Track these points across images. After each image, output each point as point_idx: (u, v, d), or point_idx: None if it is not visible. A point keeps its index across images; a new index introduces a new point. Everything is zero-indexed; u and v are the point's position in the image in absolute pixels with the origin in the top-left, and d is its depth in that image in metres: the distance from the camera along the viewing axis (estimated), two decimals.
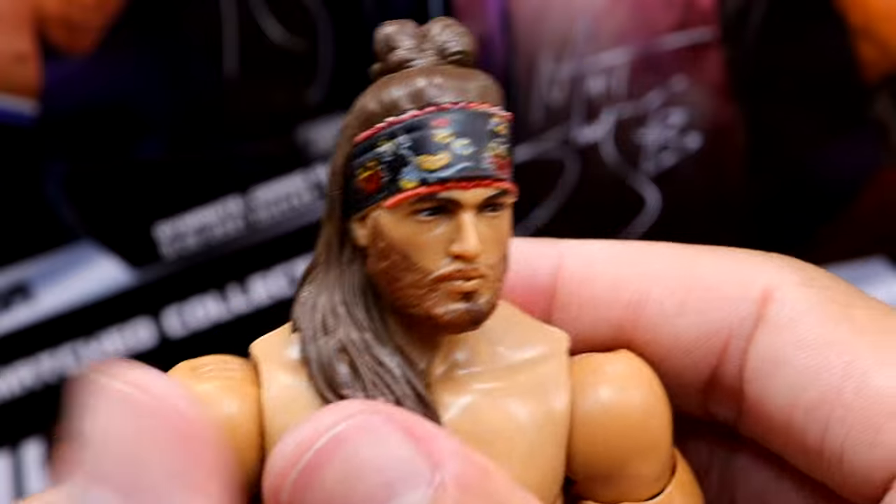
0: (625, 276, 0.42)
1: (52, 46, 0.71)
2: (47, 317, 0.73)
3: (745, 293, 0.40)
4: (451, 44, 0.39)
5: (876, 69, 0.70)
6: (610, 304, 0.42)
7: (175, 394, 0.35)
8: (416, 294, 0.38)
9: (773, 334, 0.40)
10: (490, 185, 0.37)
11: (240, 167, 0.73)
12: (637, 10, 0.71)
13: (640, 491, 0.40)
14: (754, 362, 0.40)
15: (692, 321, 0.41)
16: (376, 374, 0.38)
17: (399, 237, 0.38)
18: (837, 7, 0.69)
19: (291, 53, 0.71)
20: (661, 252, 0.42)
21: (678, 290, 0.41)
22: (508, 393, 0.39)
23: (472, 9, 0.72)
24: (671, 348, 0.41)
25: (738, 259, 0.42)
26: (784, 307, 0.40)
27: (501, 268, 0.38)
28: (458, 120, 0.38)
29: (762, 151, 0.71)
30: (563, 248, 0.43)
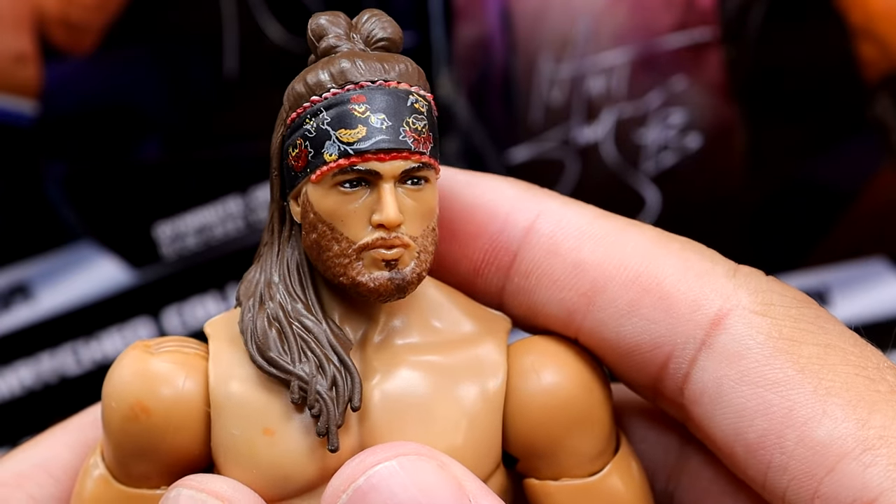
0: (588, 261, 0.41)
1: (52, 46, 0.71)
2: (47, 317, 0.73)
3: (697, 313, 0.40)
4: (376, 31, 0.41)
5: (876, 69, 0.70)
6: (567, 287, 0.41)
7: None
8: (342, 263, 0.39)
9: (717, 364, 0.39)
10: (408, 158, 0.39)
11: (240, 167, 0.73)
12: (637, 10, 0.71)
13: (580, 467, 0.41)
14: (696, 386, 0.40)
15: (638, 327, 0.40)
16: (303, 340, 0.40)
17: (325, 209, 0.39)
18: (837, 7, 0.69)
19: (291, 53, 0.71)
20: (633, 241, 0.41)
21: (633, 290, 0.41)
22: (444, 367, 0.41)
23: (472, 9, 0.72)
24: (614, 347, 0.41)
25: (700, 268, 0.41)
26: (732, 337, 0.39)
27: (429, 239, 0.40)
28: (375, 96, 0.39)
29: (762, 151, 0.71)
30: (540, 208, 0.42)
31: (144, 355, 0.41)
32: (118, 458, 0.41)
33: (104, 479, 0.42)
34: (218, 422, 0.40)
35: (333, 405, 0.39)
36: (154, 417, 0.40)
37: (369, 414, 0.40)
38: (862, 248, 0.71)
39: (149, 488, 0.41)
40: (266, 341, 0.40)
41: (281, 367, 0.39)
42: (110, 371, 0.41)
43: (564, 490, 0.41)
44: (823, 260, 0.72)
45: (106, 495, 0.41)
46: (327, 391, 0.39)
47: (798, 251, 0.72)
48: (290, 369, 0.39)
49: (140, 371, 0.40)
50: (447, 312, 0.42)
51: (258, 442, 0.39)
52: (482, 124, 0.73)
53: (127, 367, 0.41)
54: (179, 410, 0.40)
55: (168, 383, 0.40)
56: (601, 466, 0.42)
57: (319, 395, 0.39)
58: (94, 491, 0.42)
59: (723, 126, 0.71)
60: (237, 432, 0.40)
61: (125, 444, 0.41)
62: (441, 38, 0.73)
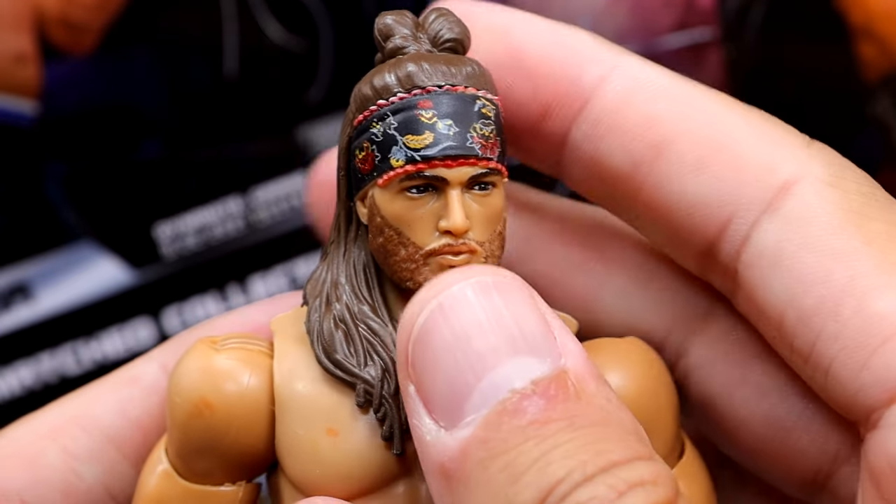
0: (661, 114, 0.40)
1: (52, 46, 0.71)
2: (47, 317, 0.73)
3: (767, 176, 0.39)
4: (443, 32, 0.41)
5: (876, 69, 0.70)
6: (636, 137, 0.40)
7: None
8: (409, 268, 0.39)
9: (781, 228, 0.38)
10: (475, 164, 0.39)
11: (240, 167, 0.73)
12: (637, 10, 0.71)
13: None
14: (755, 248, 0.39)
15: (703, 183, 0.39)
16: (368, 342, 0.40)
17: (392, 214, 0.39)
18: (837, 7, 0.69)
19: (291, 53, 0.71)
20: (709, 102, 0.40)
21: (704, 147, 0.39)
22: None
23: None
24: (676, 203, 0.40)
25: (776, 135, 0.40)
26: (800, 203, 0.38)
27: (495, 244, 0.40)
28: (442, 102, 0.39)
29: None
30: (618, 61, 0.41)
31: (209, 351, 0.40)
32: (182, 453, 0.41)
33: (168, 475, 0.42)
34: (282, 420, 0.40)
35: (399, 410, 0.39)
36: (218, 414, 0.40)
37: None
38: None
39: (212, 485, 0.41)
40: (332, 343, 0.40)
41: (347, 369, 0.39)
42: (175, 366, 0.41)
43: None
44: None
45: (169, 491, 0.41)
46: (392, 395, 0.39)
47: None
48: (357, 372, 0.39)
49: (205, 367, 0.40)
50: None
51: (322, 442, 0.39)
52: None
53: (192, 362, 0.40)
54: (243, 407, 0.40)
55: (233, 380, 0.40)
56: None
57: (385, 398, 0.39)
58: (158, 486, 0.42)
59: None
60: (301, 432, 0.40)
61: (189, 439, 0.41)
62: None
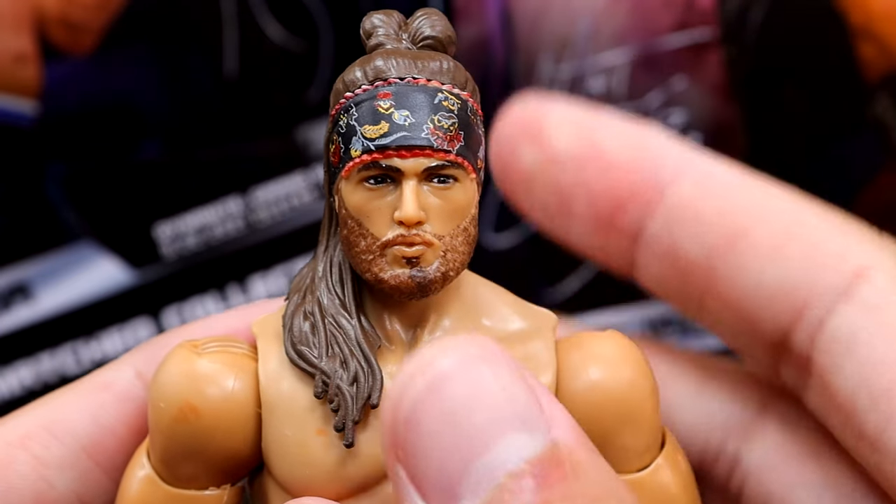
0: (735, 206, 0.41)
1: (52, 46, 0.71)
2: (47, 317, 0.73)
3: (841, 263, 0.39)
4: (423, 30, 0.41)
5: (876, 69, 0.70)
6: (711, 229, 0.41)
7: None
8: (367, 259, 0.40)
9: (857, 312, 0.38)
10: (431, 155, 0.39)
11: (240, 167, 0.73)
12: (637, 10, 0.71)
13: (628, 463, 0.42)
14: (830, 334, 0.39)
15: (779, 271, 0.40)
16: (332, 336, 0.40)
17: (353, 205, 0.40)
18: (837, 7, 0.69)
19: (291, 53, 0.71)
20: (780, 196, 0.41)
21: (778, 235, 0.40)
22: None
23: (472, 9, 0.72)
24: (751, 292, 0.41)
25: (847, 228, 0.40)
26: (875, 288, 0.39)
27: (458, 240, 0.40)
28: (400, 93, 0.39)
29: (762, 151, 0.71)
30: (692, 156, 0.42)
31: (192, 355, 0.40)
32: (165, 458, 0.41)
33: (150, 480, 0.41)
34: (270, 422, 0.40)
35: (352, 401, 0.39)
36: (203, 419, 0.40)
37: None
38: None
39: (196, 489, 0.41)
40: (299, 335, 0.40)
41: (308, 360, 0.40)
42: (157, 371, 0.41)
43: None
44: None
45: (152, 496, 0.41)
46: (348, 386, 0.39)
47: None
48: (316, 363, 0.39)
49: (188, 371, 0.40)
50: (496, 310, 0.42)
51: (311, 442, 0.39)
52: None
53: (175, 367, 0.40)
54: (229, 411, 0.40)
55: (217, 384, 0.40)
56: (649, 462, 0.42)
57: (340, 389, 0.39)
58: (141, 492, 0.42)
59: (723, 126, 0.71)
60: (290, 433, 0.40)
61: (173, 445, 0.40)
62: None
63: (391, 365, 0.40)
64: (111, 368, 0.45)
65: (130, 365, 0.45)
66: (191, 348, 0.41)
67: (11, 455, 0.43)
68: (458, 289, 0.42)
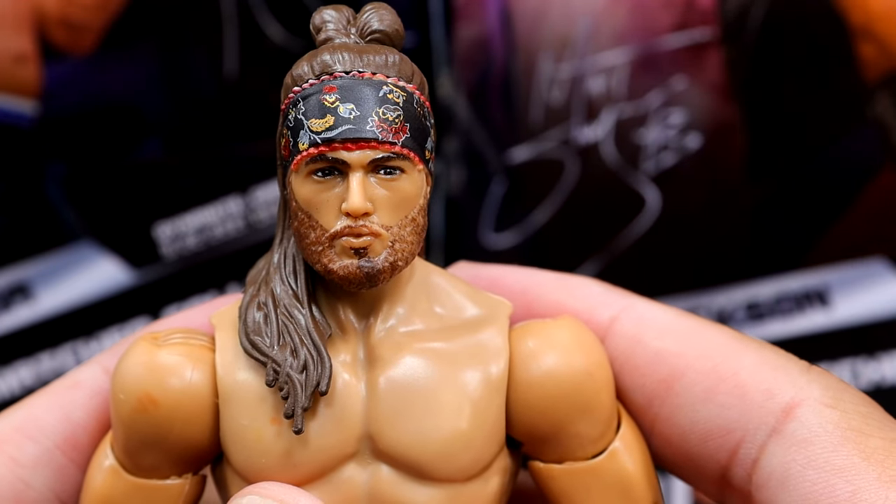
0: (669, 351, 0.43)
1: (52, 46, 0.71)
2: (47, 317, 0.73)
3: (770, 402, 0.42)
4: (371, 24, 0.42)
5: (876, 69, 0.70)
6: (647, 374, 0.43)
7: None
8: (317, 251, 0.40)
9: (786, 449, 0.41)
10: (376, 148, 0.40)
11: (240, 167, 0.73)
12: (637, 10, 0.71)
13: (582, 450, 0.42)
14: (764, 470, 0.41)
15: (713, 413, 0.42)
16: (284, 326, 0.41)
17: (302, 197, 0.40)
18: (837, 7, 0.69)
19: (291, 53, 0.71)
20: (712, 336, 0.44)
21: (710, 378, 0.42)
22: (447, 353, 0.41)
23: (472, 8, 0.72)
24: (689, 433, 0.43)
25: (775, 363, 0.43)
26: (802, 425, 0.41)
27: (406, 230, 0.40)
28: (345, 86, 0.40)
29: (762, 151, 0.71)
30: (625, 303, 0.45)
31: (152, 347, 0.41)
32: (127, 449, 0.42)
33: (114, 470, 0.42)
34: (227, 412, 0.41)
35: (301, 388, 0.39)
36: (162, 409, 0.40)
37: (375, 402, 0.40)
38: (862, 248, 0.71)
39: (158, 479, 0.42)
40: (253, 325, 0.41)
41: (260, 349, 0.40)
42: (118, 363, 0.42)
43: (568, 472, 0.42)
44: (823, 260, 0.72)
45: (116, 486, 0.42)
46: (297, 374, 0.39)
47: (798, 251, 0.72)
48: (267, 352, 0.40)
49: (148, 363, 0.41)
50: (449, 299, 0.43)
51: (266, 432, 0.40)
52: (482, 124, 0.73)
53: (134, 358, 0.41)
54: (188, 402, 0.41)
55: (176, 375, 0.41)
56: (604, 447, 0.42)
57: (289, 377, 0.39)
58: (105, 482, 0.42)
59: (723, 126, 0.71)
60: (246, 422, 0.40)
61: (134, 435, 0.41)
62: (441, 38, 0.73)
63: (343, 354, 0.41)
64: (80, 368, 0.46)
65: (98, 363, 0.46)
66: (151, 340, 0.41)
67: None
68: (410, 278, 0.42)
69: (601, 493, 0.42)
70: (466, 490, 0.41)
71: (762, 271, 0.72)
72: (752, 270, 0.72)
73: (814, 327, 0.72)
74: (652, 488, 0.43)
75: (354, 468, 0.40)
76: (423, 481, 0.40)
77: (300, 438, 0.40)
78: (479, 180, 0.73)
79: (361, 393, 0.40)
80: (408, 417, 0.40)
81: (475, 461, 0.41)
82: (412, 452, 0.40)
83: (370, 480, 0.40)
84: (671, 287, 0.72)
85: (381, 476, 0.40)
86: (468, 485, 0.41)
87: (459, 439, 0.40)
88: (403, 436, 0.40)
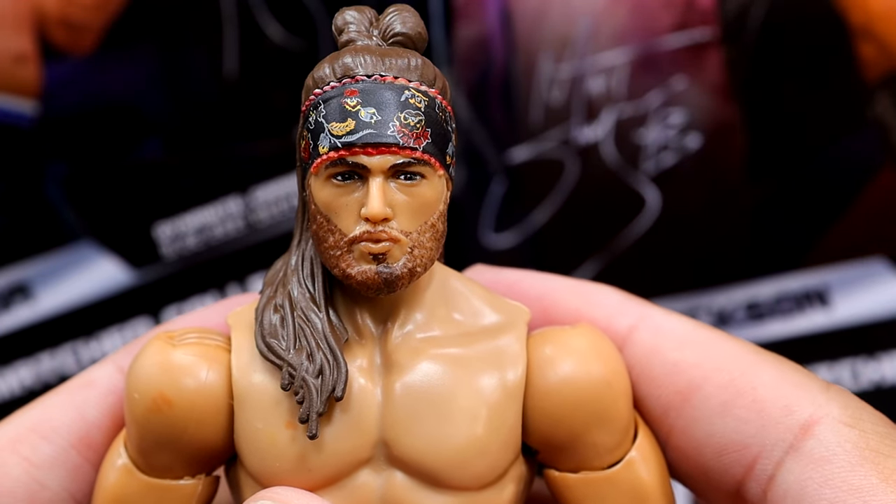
0: (687, 362, 0.43)
1: (52, 46, 0.71)
2: (47, 317, 0.73)
3: (788, 418, 0.41)
4: (394, 26, 0.42)
5: (876, 69, 0.70)
6: (664, 385, 0.43)
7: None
8: (335, 255, 0.40)
9: (804, 467, 0.40)
10: (397, 153, 0.39)
11: (240, 167, 0.73)
12: (637, 10, 0.71)
13: (599, 459, 0.42)
14: (780, 488, 0.41)
15: (729, 426, 0.42)
16: (301, 329, 0.40)
17: (322, 201, 0.40)
18: (837, 7, 0.69)
19: (291, 53, 0.71)
20: (730, 349, 0.43)
21: (728, 391, 0.42)
22: (464, 359, 0.41)
23: (472, 8, 0.72)
24: (704, 446, 0.43)
25: (794, 379, 0.42)
26: (820, 443, 0.40)
27: (426, 236, 0.40)
28: (367, 90, 0.40)
29: (762, 151, 0.71)
30: (643, 313, 0.44)
31: (167, 347, 0.41)
32: (141, 448, 0.41)
33: (127, 469, 0.42)
34: (241, 415, 0.40)
35: (317, 393, 0.39)
36: (177, 409, 0.40)
37: (391, 407, 0.40)
38: (862, 248, 0.71)
39: (171, 479, 0.42)
40: (269, 328, 0.40)
41: (276, 353, 0.40)
42: (133, 362, 0.41)
43: (584, 482, 0.42)
44: (823, 260, 0.72)
45: (129, 485, 0.42)
46: (313, 379, 0.39)
47: (798, 251, 0.72)
48: (283, 356, 0.40)
49: (163, 363, 0.41)
50: (468, 304, 0.42)
51: (280, 436, 0.40)
52: (482, 124, 0.73)
53: (150, 357, 0.41)
54: (202, 402, 0.40)
55: (191, 375, 0.40)
56: (620, 457, 0.42)
57: (305, 381, 0.39)
58: (118, 481, 0.42)
59: (723, 126, 0.71)
60: (260, 425, 0.40)
61: (148, 435, 0.41)
62: (441, 38, 0.73)
63: (360, 359, 0.41)
64: (94, 367, 0.46)
65: (112, 363, 0.46)
66: (166, 340, 0.41)
67: (2, 460, 0.44)
68: (428, 283, 0.42)
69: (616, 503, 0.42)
70: (481, 498, 0.41)
71: (762, 271, 0.72)
72: (752, 270, 0.72)
73: (814, 327, 0.72)
74: (668, 500, 0.42)
75: (369, 474, 0.40)
76: (438, 488, 0.40)
77: (314, 443, 0.39)
78: (479, 180, 0.73)
79: (377, 398, 0.40)
80: (423, 424, 0.40)
81: (490, 469, 0.40)
82: (426, 459, 0.40)
83: (384, 486, 0.40)
84: (671, 287, 0.72)
85: (395, 482, 0.40)
86: (483, 493, 0.41)
87: (474, 446, 0.40)
88: (418, 442, 0.40)
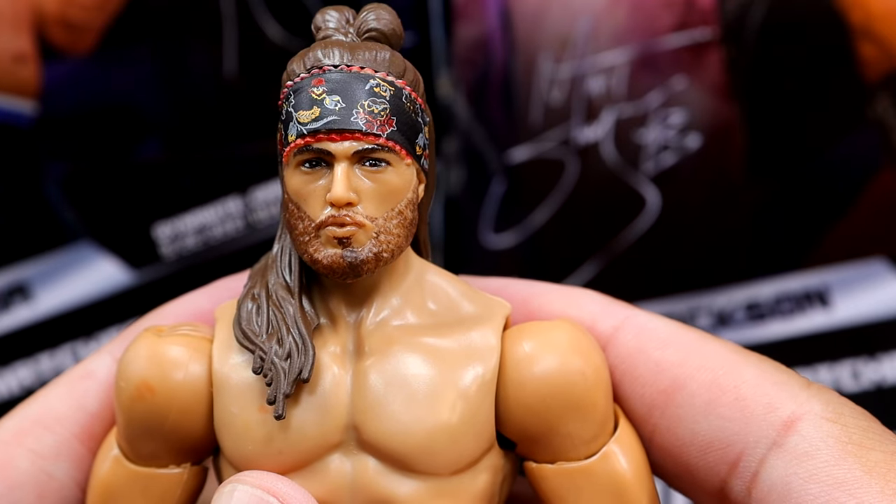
0: (670, 361, 0.43)
1: (52, 46, 0.71)
2: (47, 317, 0.73)
3: (771, 415, 0.42)
4: (368, 22, 0.43)
5: (876, 69, 0.70)
6: (648, 384, 0.44)
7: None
8: (304, 241, 0.41)
9: (787, 463, 0.41)
10: (361, 139, 0.40)
11: (239, 167, 0.73)
12: (637, 10, 0.71)
13: (575, 451, 0.42)
14: (764, 484, 0.41)
15: (713, 425, 0.42)
16: (273, 316, 0.41)
17: (292, 188, 0.41)
18: (837, 7, 0.69)
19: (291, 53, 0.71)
20: (713, 349, 0.44)
21: (711, 390, 0.43)
22: (437, 348, 0.42)
23: (472, 8, 0.72)
24: (688, 445, 0.43)
25: (776, 377, 0.43)
26: (803, 439, 0.41)
27: (393, 223, 0.41)
28: (333, 80, 0.41)
29: (762, 151, 0.71)
30: (627, 314, 0.45)
31: (154, 338, 0.42)
32: (128, 437, 0.42)
33: (117, 459, 0.43)
34: (219, 401, 0.41)
35: (284, 375, 0.40)
36: (158, 397, 0.41)
37: (361, 392, 0.41)
38: (862, 248, 0.71)
39: (158, 467, 0.43)
40: (246, 316, 0.42)
41: (249, 338, 0.41)
42: (123, 354, 0.43)
43: (560, 473, 0.42)
44: (823, 260, 0.72)
45: (118, 474, 0.43)
46: (281, 362, 0.40)
47: (798, 251, 0.72)
48: (255, 341, 0.41)
49: (148, 353, 0.42)
50: (445, 296, 0.43)
51: (252, 419, 0.41)
52: (482, 124, 0.73)
53: (137, 350, 0.42)
54: (184, 391, 0.41)
55: (175, 365, 0.41)
56: (597, 449, 0.42)
57: (273, 364, 0.40)
58: (109, 470, 0.43)
59: (723, 126, 0.71)
60: (235, 410, 0.41)
61: (133, 423, 0.42)
62: (441, 38, 0.73)
63: (332, 345, 0.42)
64: (91, 358, 0.47)
65: (109, 353, 0.47)
66: (154, 332, 0.42)
67: (9, 453, 0.45)
68: (406, 273, 0.43)
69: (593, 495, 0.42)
70: (451, 484, 0.41)
71: (762, 271, 0.72)
72: (753, 270, 0.72)
73: (814, 328, 0.72)
74: (647, 493, 0.43)
75: (340, 458, 0.41)
76: (408, 473, 0.41)
77: (283, 426, 0.40)
78: (479, 180, 0.73)
79: (347, 384, 0.41)
80: (392, 409, 0.40)
81: (460, 456, 0.41)
82: (394, 444, 0.40)
83: (355, 471, 0.41)
84: (671, 287, 0.72)
85: (366, 467, 0.41)
86: (453, 479, 0.41)
87: (444, 432, 0.40)
88: (387, 427, 0.40)
